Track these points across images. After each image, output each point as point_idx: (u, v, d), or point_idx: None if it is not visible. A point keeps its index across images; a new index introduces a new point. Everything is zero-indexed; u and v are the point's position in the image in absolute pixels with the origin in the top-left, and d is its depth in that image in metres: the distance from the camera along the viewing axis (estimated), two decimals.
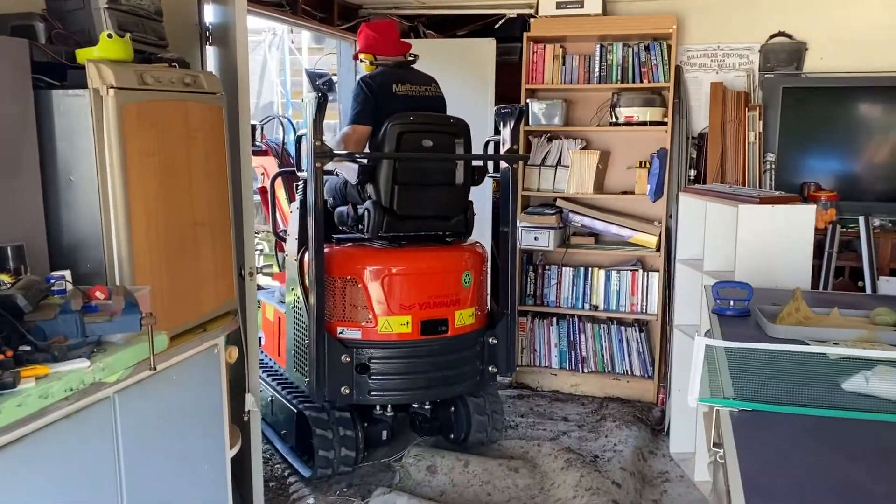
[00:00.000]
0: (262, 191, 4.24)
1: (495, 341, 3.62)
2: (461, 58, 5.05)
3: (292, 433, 3.69)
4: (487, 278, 3.77)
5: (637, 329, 4.69)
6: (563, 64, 4.66)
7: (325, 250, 3.38)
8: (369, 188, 3.45)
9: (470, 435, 3.75)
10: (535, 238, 4.64)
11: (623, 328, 4.71)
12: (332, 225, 3.60)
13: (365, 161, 3.40)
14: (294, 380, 3.67)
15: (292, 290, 3.62)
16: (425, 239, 3.58)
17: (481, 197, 3.86)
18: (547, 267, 4.81)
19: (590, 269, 4.73)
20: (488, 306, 3.85)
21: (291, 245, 3.68)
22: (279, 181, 4.07)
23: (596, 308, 4.73)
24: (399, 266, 3.40)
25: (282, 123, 4.37)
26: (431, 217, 3.54)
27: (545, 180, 4.75)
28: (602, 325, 4.74)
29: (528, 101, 4.68)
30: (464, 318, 3.49)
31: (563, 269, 4.77)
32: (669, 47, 4.49)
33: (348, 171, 3.55)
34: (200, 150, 2.47)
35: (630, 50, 4.55)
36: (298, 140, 3.66)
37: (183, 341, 2.37)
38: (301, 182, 3.62)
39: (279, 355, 3.88)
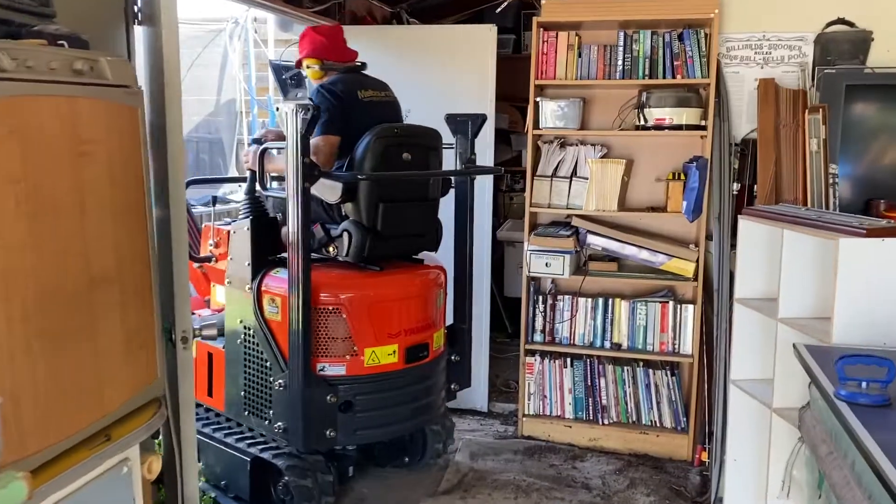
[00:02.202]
0: None
1: (458, 358, 3.49)
2: (455, 48, 4.27)
3: (243, 484, 3.16)
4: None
5: (668, 372, 3.94)
6: (580, 55, 3.89)
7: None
8: (347, 206, 3.10)
9: (425, 456, 3.64)
10: (547, 264, 3.87)
11: (651, 371, 3.95)
12: (278, 244, 3.15)
13: (349, 180, 3.02)
14: (249, 424, 3.22)
15: (240, 322, 3.15)
16: (393, 259, 3.28)
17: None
18: (559, 297, 4.04)
19: (611, 299, 3.97)
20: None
21: (239, 271, 3.16)
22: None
23: (618, 347, 3.96)
24: (386, 291, 3.11)
25: None
26: (411, 235, 3.30)
27: (558, 195, 3.97)
28: (626, 368, 3.98)
29: (537, 99, 3.91)
30: (439, 339, 3.32)
31: (579, 299, 4.00)
32: (708, 36, 3.74)
33: (324, 189, 3.03)
34: (101, 171, 1.66)
35: (660, 39, 3.80)
36: (263, 153, 3.11)
37: (70, 464, 1.56)
38: (245, 198, 3.26)
39: (210, 396, 3.34)
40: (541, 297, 4.06)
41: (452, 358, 3.46)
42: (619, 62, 3.83)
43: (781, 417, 2.66)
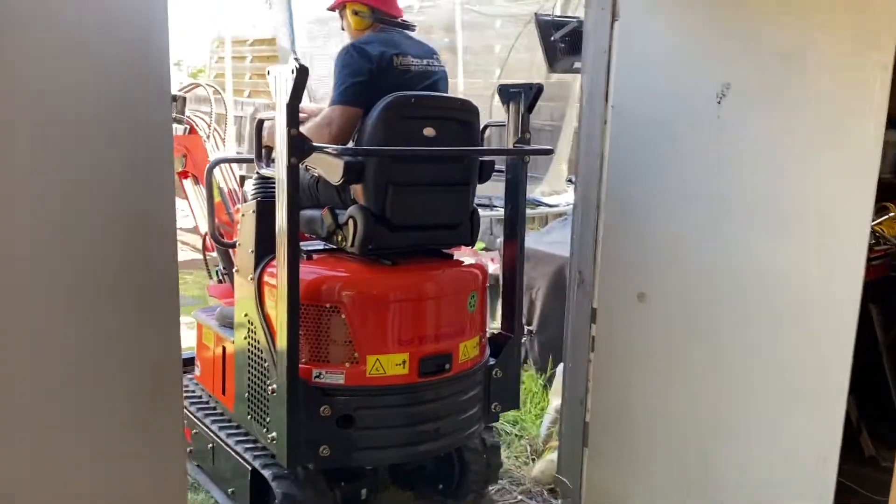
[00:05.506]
0: (183, 175, 3.62)
1: (500, 374, 3.04)
2: None
3: (244, 495, 2.96)
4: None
5: None
6: None
7: None
8: (354, 189, 2.76)
9: (463, 484, 3.19)
10: None
11: None
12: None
13: (344, 155, 2.62)
14: (251, 430, 2.99)
15: (245, 315, 2.90)
16: (417, 251, 2.93)
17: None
18: None
19: None
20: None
21: (244, 259, 2.91)
22: (220, 171, 3.46)
23: None
24: (397, 290, 2.74)
25: (207, 92, 3.80)
26: (435, 226, 2.88)
27: None
28: None
29: None
30: (468, 350, 2.88)
31: None
32: None
33: (325, 167, 2.71)
34: None
35: None
36: (259, 124, 2.84)
37: None
38: (254, 177, 2.95)
39: (223, 394, 3.18)
40: None
41: (494, 373, 3.02)
42: None
43: None
